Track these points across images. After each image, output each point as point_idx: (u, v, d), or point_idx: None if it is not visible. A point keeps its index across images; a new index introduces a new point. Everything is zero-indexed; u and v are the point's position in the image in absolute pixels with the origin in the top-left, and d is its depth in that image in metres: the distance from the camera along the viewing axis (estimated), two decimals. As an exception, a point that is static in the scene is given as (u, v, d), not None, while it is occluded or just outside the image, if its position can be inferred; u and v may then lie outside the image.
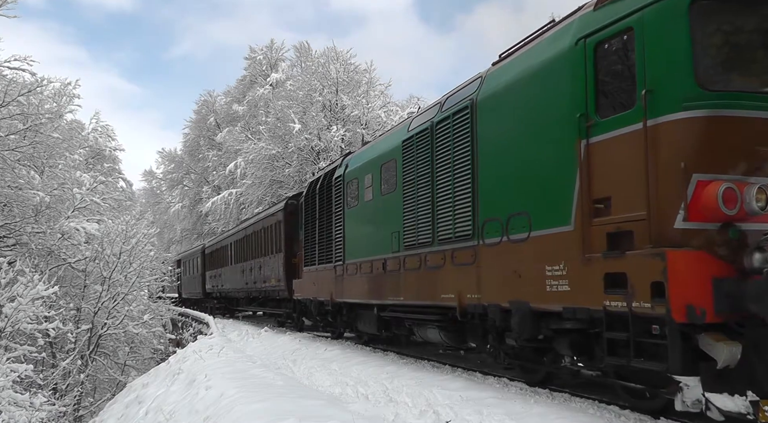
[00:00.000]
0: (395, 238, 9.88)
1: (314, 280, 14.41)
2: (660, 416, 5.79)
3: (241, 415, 5.67)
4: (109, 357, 17.46)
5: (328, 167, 14.67)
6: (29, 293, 11.57)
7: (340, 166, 13.01)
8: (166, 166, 59.34)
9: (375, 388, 8.17)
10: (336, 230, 12.82)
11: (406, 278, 9.57)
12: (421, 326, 9.52)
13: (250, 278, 22.59)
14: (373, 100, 32.37)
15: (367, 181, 11.16)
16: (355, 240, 11.87)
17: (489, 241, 7.36)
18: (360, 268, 11.48)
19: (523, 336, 6.80)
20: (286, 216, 18.11)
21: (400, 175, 9.76)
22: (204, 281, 33.18)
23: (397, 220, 9.82)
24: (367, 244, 11.17)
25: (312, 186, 15.09)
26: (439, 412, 6.30)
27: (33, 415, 9.53)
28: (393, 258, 10.02)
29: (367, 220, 11.23)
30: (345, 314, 13.01)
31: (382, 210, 10.50)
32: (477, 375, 8.60)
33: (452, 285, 8.15)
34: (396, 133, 10.64)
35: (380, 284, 10.53)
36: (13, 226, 15.28)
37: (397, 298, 9.87)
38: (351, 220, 12.07)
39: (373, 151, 11.40)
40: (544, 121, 6.49)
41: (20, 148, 14.97)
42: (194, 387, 8.04)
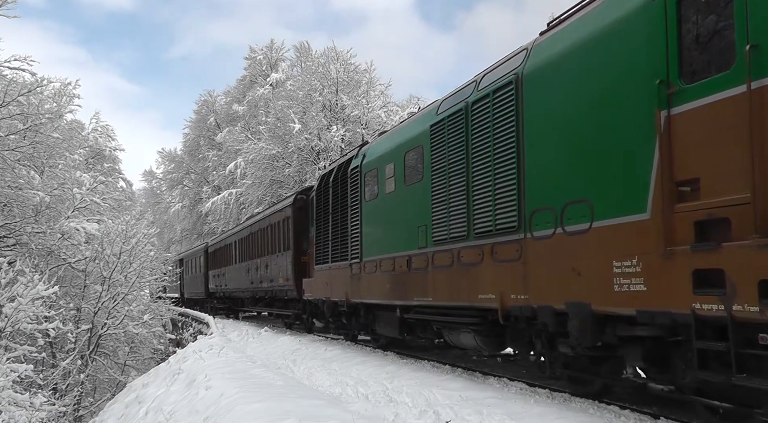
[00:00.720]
0: (422, 232, 9.01)
1: (327, 279, 13.54)
2: (660, 416, 5.78)
3: (241, 415, 5.67)
4: (109, 357, 17.46)
5: (342, 158, 13.77)
6: (29, 293, 11.57)
7: (357, 157, 12.11)
8: (166, 166, 59.36)
9: (375, 388, 8.18)
10: (352, 225, 11.93)
11: (435, 277, 8.71)
12: (453, 330, 8.62)
13: (256, 277, 21.75)
14: (373, 100, 32.37)
15: (389, 171, 10.28)
16: (374, 236, 11.00)
17: (539, 233, 6.51)
18: (380, 265, 10.63)
19: (583, 343, 5.94)
20: (295, 212, 17.24)
21: (428, 163, 8.85)
22: (207, 281, 32.52)
23: (424, 212, 8.97)
24: (389, 240, 10.31)
25: (324, 179, 14.07)
26: (439, 412, 6.30)
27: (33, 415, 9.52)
28: (419, 254, 9.13)
29: (388, 213, 10.37)
30: (362, 316, 12.08)
31: (405, 202, 9.67)
32: (477, 375, 8.60)
33: (492, 284, 7.29)
34: (422, 117, 9.67)
35: (404, 283, 9.67)
36: (13, 226, 15.28)
37: (425, 299, 9.00)
38: (369, 214, 11.19)
39: (394, 139, 10.48)
40: (612, 92, 5.62)
41: (20, 148, 14.96)
42: (194, 387, 8.04)
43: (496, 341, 7.96)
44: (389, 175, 10.26)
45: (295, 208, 17.24)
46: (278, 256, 18.69)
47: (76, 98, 19.25)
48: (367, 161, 11.37)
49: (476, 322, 7.92)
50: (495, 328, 7.69)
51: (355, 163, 12.02)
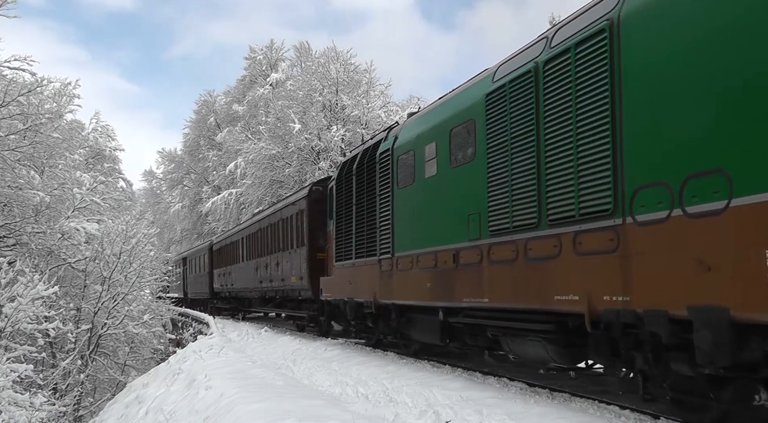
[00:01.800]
0: (474, 221, 7.70)
1: (350, 277, 12.19)
2: (660, 416, 5.78)
3: (241, 415, 5.67)
4: (109, 357, 17.47)
5: (367, 142, 12.47)
6: (29, 293, 11.58)
7: (386, 140, 10.83)
8: (166, 166, 59.40)
9: (375, 388, 8.17)
10: (382, 217, 10.58)
11: (492, 273, 7.35)
12: (516, 338, 7.21)
13: (265, 276, 20.29)
14: (373, 100, 32.38)
15: (429, 153, 8.96)
16: (409, 227, 9.68)
17: (645, 217, 5.18)
18: (417, 261, 9.30)
19: (718, 361, 4.55)
20: (310, 204, 15.86)
21: (482, 139, 7.54)
22: (211, 280, 31.15)
23: (476, 198, 7.65)
24: (429, 232, 8.99)
25: (346, 166, 12.72)
26: (439, 412, 6.30)
27: (33, 415, 9.53)
28: (471, 247, 7.79)
29: (427, 201, 9.07)
30: (394, 319, 10.58)
31: (451, 187, 8.35)
32: (477, 375, 8.59)
33: (575, 282, 5.96)
34: (472, 88, 8.25)
35: (449, 282, 8.32)
36: (13, 226, 15.28)
37: (478, 300, 7.65)
38: (403, 202, 9.87)
39: (436, 115, 9.12)
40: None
41: (20, 148, 14.96)
42: (194, 387, 8.04)
43: (573, 353, 6.57)
44: (429, 157, 8.93)
45: (310, 201, 15.91)
46: (290, 253, 17.33)
47: (76, 98, 19.26)
48: (400, 143, 10.08)
49: (550, 328, 6.51)
50: (573, 336, 6.35)
51: (384, 146, 10.71)
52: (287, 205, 18.17)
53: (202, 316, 24.47)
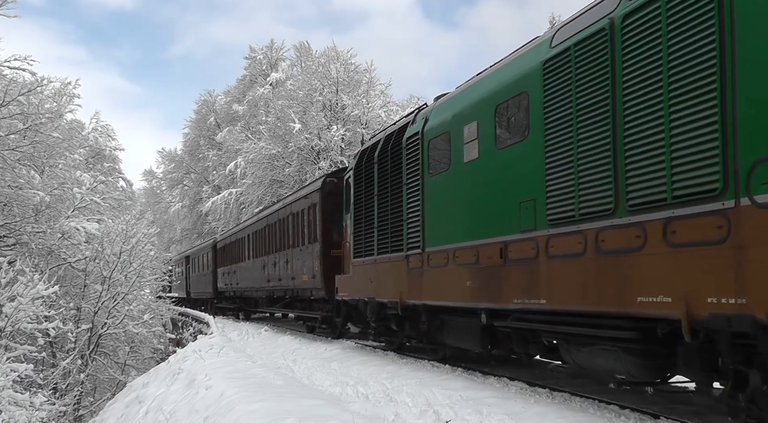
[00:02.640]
0: (527, 209, 6.71)
1: (371, 275, 11.14)
2: (660, 416, 5.78)
3: (241, 414, 5.67)
4: (109, 356, 17.48)
5: (390, 127, 11.34)
6: (29, 293, 11.58)
7: (414, 123, 9.85)
8: (166, 166, 59.44)
9: (375, 387, 8.17)
10: (410, 208, 9.60)
11: (551, 270, 6.34)
12: (583, 346, 6.19)
13: (274, 274, 19.27)
14: (373, 100, 32.40)
15: (468, 134, 7.97)
16: (443, 218, 8.66)
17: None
18: (453, 257, 8.26)
19: None
20: (324, 197, 14.84)
21: (538, 114, 6.57)
22: (215, 279, 30.11)
23: (531, 182, 6.66)
24: (469, 223, 7.97)
25: (366, 154, 11.66)
26: (439, 412, 6.30)
27: (33, 414, 9.54)
28: (523, 240, 6.76)
29: (466, 188, 8.04)
30: (424, 321, 9.57)
31: (498, 171, 7.34)
32: (477, 375, 8.59)
33: (667, 281, 4.97)
34: (523, 57, 7.22)
35: (494, 280, 7.30)
36: (13, 226, 15.29)
37: (533, 302, 6.60)
38: (436, 191, 8.87)
39: (476, 91, 8.06)
40: None
41: (20, 147, 14.98)
42: (194, 386, 8.04)
43: (656, 365, 5.58)
44: (469, 139, 7.95)
45: (324, 194, 14.90)
46: (301, 250, 16.30)
47: (76, 98, 19.30)
48: (431, 125, 9.10)
49: (630, 336, 5.46)
50: (658, 346, 5.39)
51: (412, 130, 9.71)
52: (298, 199, 17.10)
53: (202, 316, 24.47)
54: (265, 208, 23.59)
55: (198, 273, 34.89)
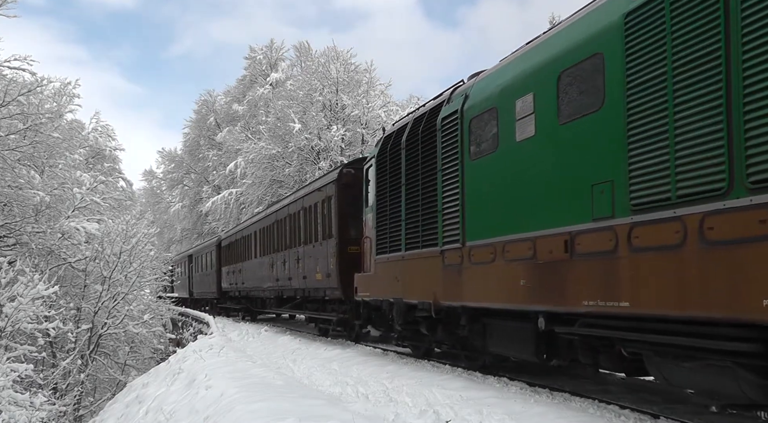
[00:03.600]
0: (602, 193, 5.68)
1: (397, 273, 10.12)
2: (660, 416, 5.78)
3: (241, 414, 5.68)
4: (110, 357, 17.49)
5: (420, 110, 10.21)
6: (29, 293, 11.59)
7: (450, 102, 8.80)
8: (166, 166, 59.46)
9: (375, 387, 8.18)
10: (446, 197, 8.52)
11: (636, 266, 5.29)
12: (682, 359, 5.13)
13: (283, 274, 18.17)
14: (373, 100, 32.42)
15: (521, 108, 6.94)
16: (489, 207, 7.58)
17: None
18: (502, 252, 7.18)
19: None
20: (340, 190, 13.77)
21: (618, 78, 5.55)
22: (219, 278, 29.02)
23: (607, 159, 5.65)
24: (522, 212, 6.93)
25: (391, 141, 10.61)
26: (439, 412, 6.30)
27: (33, 414, 9.54)
28: (597, 230, 5.73)
29: (519, 171, 7.00)
30: (464, 326, 8.44)
31: (561, 149, 6.32)
32: (477, 375, 8.59)
33: None
34: (594, 13, 6.15)
35: (557, 278, 6.27)
36: (14, 226, 15.29)
37: (611, 304, 5.55)
38: (479, 176, 7.80)
39: (533, 59, 6.99)
40: None
41: (20, 147, 14.98)
42: (194, 386, 8.04)
43: None
44: (523, 114, 6.93)
45: (340, 186, 13.81)
46: (314, 247, 15.32)
47: (76, 98, 19.29)
48: (473, 102, 8.08)
49: (755, 350, 4.43)
50: None
51: (448, 109, 8.70)
52: (311, 193, 15.98)
53: (202, 316, 24.48)
54: (274, 204, 22.42)
55: (201, 272, 33.90)
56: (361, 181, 12.48)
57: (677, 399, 6.57)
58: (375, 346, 12.82)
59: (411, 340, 10.72)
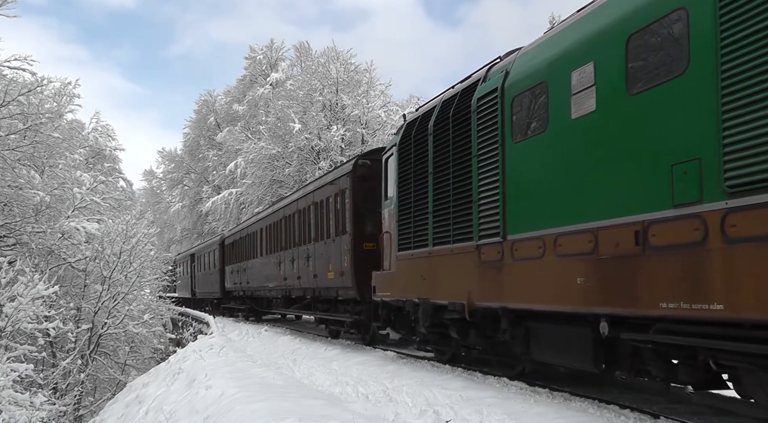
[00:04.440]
0: (686, 174, 4.85)
1: (423, 270, 9.27)
2: (660, 416, 5.78)
3: (242, 414, 5.68)
4: (110, 356, 17.50)
5: (449, 91, 9.25)
6: (29, 293, 11.59)
7: (487, 79, 7.94)
8: (166, 166, 59.51)
9: (375, 387, 8.18)
10: (483, 185, 7.62)
11: (729, 262, 4.50)
12: None
13: (291, 272, 17.26)
14: (373, 100, 32.44)
15: (578, 81, 6.12)
16: (536, 195, 6.73)
17: None
18: (554, 245, 6.31)
19: None
20: (355, 182, 12.90)
21: (707, 36, 4.75)
22: (223, 278, 28.15)
23: (693, 133, 4.83)
24: (579, 199, 6.06)
25: (416, 126, 9.74)
26: (439, 412, 6.30)
27: (33, 414, 9.54)
28: (679, 218, 4.90)
29: (575, 152, 6.16)
30: (505, 330, 7.51)
31: (630, 124, 5.48)
32: (477, 375, 8.59)
33: None
34: None
35: (624, 275, 5.41)
36: (14, 226, 15.30)
37: (700, 307, 4.71)
38: (524, 160, 6.97)
39: (592, 24, 6.14)
40: None
41: (20, 147, 14.99)
42: (194, 386, 8.05)
43: None
44: (581, 87, 6.11)
45: (355, 178, 12.93)
46: (326, 244, 14.50)
47: (76, 98, 19.31)
48: (516, 78, 7.24)
49: None
50: None
51: (486, 87, 7.83)
52: (322, 186, 15.09)
53: (202, 316, 24.48)
54: (281, 200, 21.44)
55: (204, 272, 32.92)
56: (377, 172, 11.76)
57: (677, 399, 6.57)
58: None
59: (436, 344, 9.95)
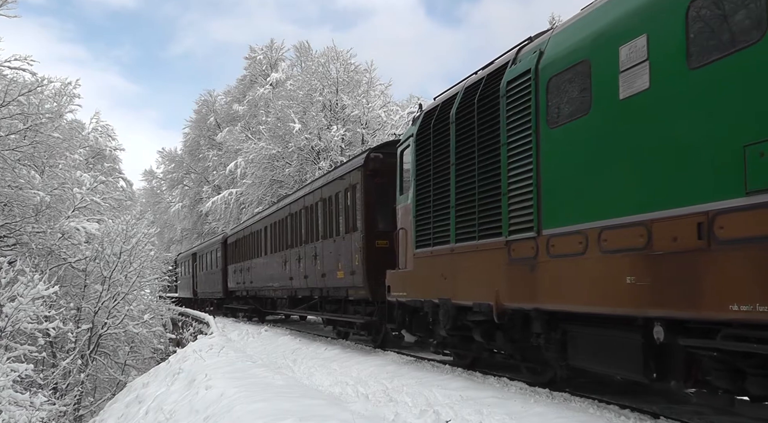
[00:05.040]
0: (762, 157, 4.32)
1: (444, 269, 8.67)
2: (660, 416, 5.79)
3: (242, 414, 5.68)
4: (110, 356, 17.49)
5: (471, 77, 8.67)
6: (29, 293, 11.59)
7: (517, 62, 7.34)
8: (166, 166, 59.56)
9: (375, 387, 8.18)
10: (514, 174, 7.04)
11: None
12: None
13: (297, 272, 16.68)
14: (373, 100, 32.47)
15: (628, 56, 5.50)
16: (575, 185, 6.12)
17: None
18: (598, 240, 5.65)
19: None
20: (367, 176, 12.31)
21: None
22: (225, 277, 27.65)
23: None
24: (626, 188, 5.44)
25: (435, 115, 9.18)
26: (439, 412, 6.31)
27: (33, 414, 9.54)
28: (751, 208, 4.38)
29: (622, 136, 5.54)
30: (539, 334, 6.88)
31: (692, 100, 4.88)
32: (477, 375, 8.59)
33: None
34: None
35: (683, 274, 4.82)
36: (14, 226, 15.31)
37: None
38: (561, 147, 6.36)
39: None
40: None
41: (20, 147, 14.99)
42: (194, 386, 8.04)
43: None
44: (630, 63, 5.48)
45: (367, 173, 12.34)
46: (335, 242, 13.92)
47: (76, 98, 19.30)
48: (552, 57, 6.61)
49: None
50: None
51: (517, 69, 7.21)
52: (331, 182, 14.48)
53: (202, 316, 24.48)
54: (286, 197, 20.80)
55: (206, 271, 32.22)
56: (390, 167, 11.28)
57: (677, 399, 6.57)
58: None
59: (456, 347, 9.36)
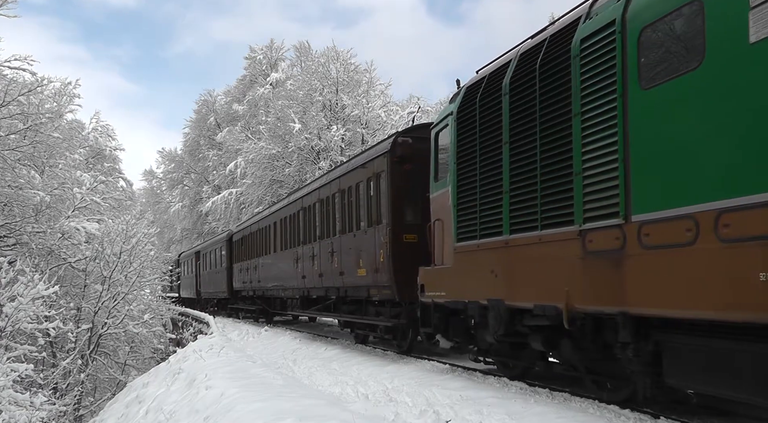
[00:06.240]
0: None
1: (494, 265, 7.40)
2: (660, 416, 5.79)
3: (242, 414, 5.68)
4: (110, 356, 17.49)
5: (526, 42, 7.46)
6: (29, 293, 11.59)
7: (591, 16, 6.09)
8: (166, 166, 59.58)
9: (375, 387, 8.18)
10: (590, 149, 5.82)
11: None
12: None
13: (311, 269, 15.22)
14: (373, 100, 32.48)
15: None
16: (681, 157, 4.88)
17: None
18: (714, 227, 4.52)
19: None
20: (394, 163, 11.04)
21: None
22: (230, 276, 26.39)
23: None
24: (758, 158, 4.29)
25: (482, 88, 7.97)
26: (439, 412, 6.31)
27: (33, 414, 9.54)
28: None
29: (752, 92, 4.37)
30: (628, 343, 5.54)
31: None
32: (477, 375, 8.59)
33: None
34: None
35: None
36: (14, 226, 15.30)
37: None
38: (659, 111, 5.10)
39: None
40: None
41: (20, 147, 14.99)
42: (194, 386, 8.04)
43: None
44: None
45: (394, 159, 11.06)
46: (356, 237, 12.55)
47: (76, 98, 19.30)
48: (646, 3, 5.34)
49: None
50: None
51: (595, 24, 5.93)
52: (351, 170, 13.06)
53: (202, 316, 24.48)
54: (298, 190, 19.35)
55: (210, 270, 30.79)
56: (420, 152, 10.28)
57: (677, 399, 6.57)
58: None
59: (503, 355, 8.28)
